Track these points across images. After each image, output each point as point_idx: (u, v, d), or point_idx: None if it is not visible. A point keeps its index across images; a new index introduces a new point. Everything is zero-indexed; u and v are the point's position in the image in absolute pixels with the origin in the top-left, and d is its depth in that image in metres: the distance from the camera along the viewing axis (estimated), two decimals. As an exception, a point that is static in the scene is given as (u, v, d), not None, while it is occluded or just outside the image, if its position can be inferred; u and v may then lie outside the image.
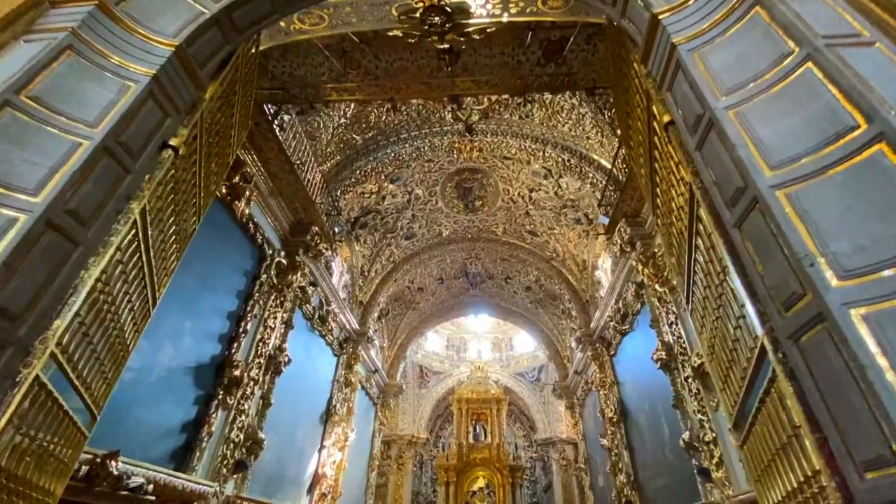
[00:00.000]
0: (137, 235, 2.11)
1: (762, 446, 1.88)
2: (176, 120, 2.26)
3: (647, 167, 2.77)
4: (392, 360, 14.80)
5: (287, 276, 7.23)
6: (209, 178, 3.13)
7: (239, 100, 3.26)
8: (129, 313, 2.37)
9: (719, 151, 1.76)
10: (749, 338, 1.77)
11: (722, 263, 1.83)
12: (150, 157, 2.10)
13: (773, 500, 1.85)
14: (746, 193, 1.64)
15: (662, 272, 6.61)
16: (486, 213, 11.76)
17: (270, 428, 6.94)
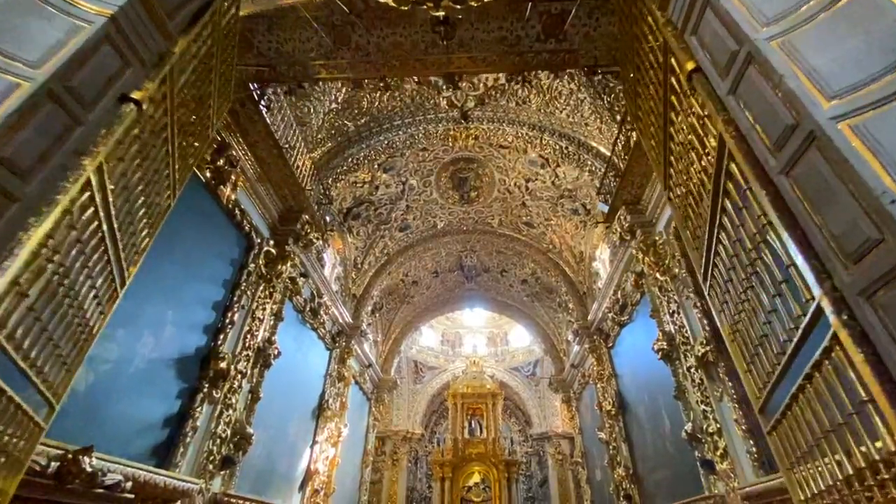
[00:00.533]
0: (94, 199, 1.87)
1: (802, 430, 1.68)
2: (139, 72, 2.01)
3: (659, 136, 2.56)
4: (386, 354, 14.58)
5: (276, 265, 6.97)
6: (185, 150, 2.87)
7: (217, 65, 3.00)
8: (91, 290, 2.12)
9: (761, 89, 1.55)
10: (795, 304, 1.56)
11: (762, 220, 1.62)
12: (107, 109, 1.85)
13: (814, 490, 1.66)
14: (799, 131, 1.42)
15: (664, 261, 6.44)
16: (481, 205, 11.54)
17: (260, 423, 6.70)
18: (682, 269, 5.89)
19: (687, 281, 5.74)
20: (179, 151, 2.77)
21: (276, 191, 6.84)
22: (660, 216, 6.58)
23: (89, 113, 1.78)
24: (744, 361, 2.19)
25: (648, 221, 6.81)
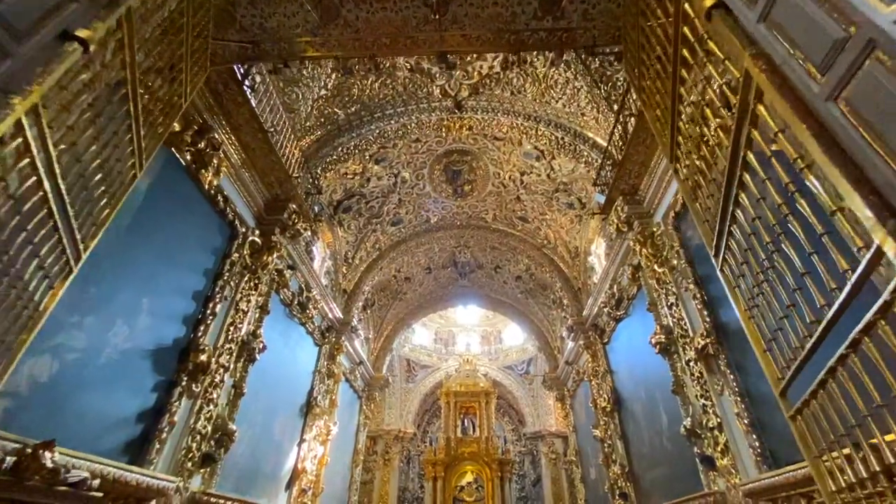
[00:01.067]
0: (30, 149, 1.63)
1: (840, 410, 1.48)
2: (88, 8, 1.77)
3: (665, 102, 2.36)
4: (378, 352, 14.33)
5: (262, 256, 6.72)
6: (153, 117, 2.63)
7: (189, 27, 2.76)
8: (34, 259, 1.88)
9: (801, 5, 1.35)
10: (840, 258, 1.36)
11: (799, 164, 1.41)
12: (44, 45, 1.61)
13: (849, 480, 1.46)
14: (852, 43, 1.23)
15: (662, 252, 6.27)
16: (475, 199, 11.34)
17: (243, 419, 6.44)
18: (681, 259, 5.72)
19: (686, 271, 5.57)
20: (145, 116, 2.52)
21: (262, 178, 6.58)
22: (658, 206, 6.42)
23: (21, 45, 1.54)
24: (762, 341, 1.99)
25: (646, 212, 6.64)
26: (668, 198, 6.07)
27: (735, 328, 4.73)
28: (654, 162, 6.05)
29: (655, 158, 5.99)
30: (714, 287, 5.17)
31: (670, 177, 5.92)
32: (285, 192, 6.86)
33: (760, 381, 4.32)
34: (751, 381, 4.47)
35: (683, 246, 5.71)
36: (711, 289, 5.22)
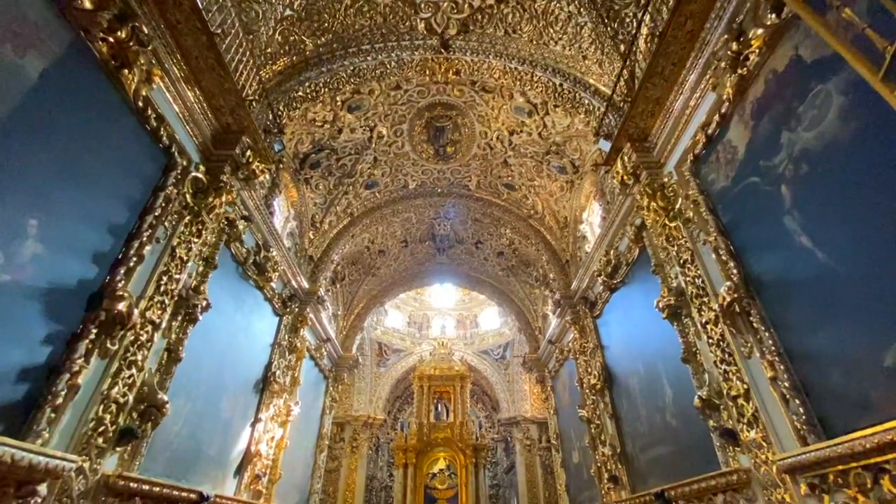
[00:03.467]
0: None
1: None
2: None
3: None
4: (347, 330, 13.29)
5: (208, 198, 5.59)
6: None
7: None
8: None
9: None
10: None
11: None
12: None
13: None
14: None
15: (674, 204, 5.54)
16: (458, 162, 10.43)
17: (181, 391, 5.36)
18: (699, 208, 4.98)
19: (707, 221, 4.84)
20: None
21: (209, 101, 5.44)
22: (671, 154, 5.67)
23: None
24: None
25: (656, 161, 5.89)
26: (686, 140, 5.32)
27: (772, 278, 4.03)
28: (672, 96, 5.28)
29: (674, 92, 5.22)
30: (741, 235, 4.46)
31: (690, 113, 5.17)
32: (238, 122, 5.73)
33: (808, 335, 3.62)
34: (793, 337, 3.76)
35: (703, 192, 4.97)
36: (738, 237, 4.50)
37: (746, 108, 4.32)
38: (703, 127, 4.93)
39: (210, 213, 5.66)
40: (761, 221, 4.13)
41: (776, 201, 3.91)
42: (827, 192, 3.42)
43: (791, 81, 3.80)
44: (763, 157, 4.09)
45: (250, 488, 7.13)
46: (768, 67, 4.05)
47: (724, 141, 4.65)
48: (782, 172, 3.85)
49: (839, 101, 3.36)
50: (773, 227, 3.94)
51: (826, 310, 3.43)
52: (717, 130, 4.72)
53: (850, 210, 3.23)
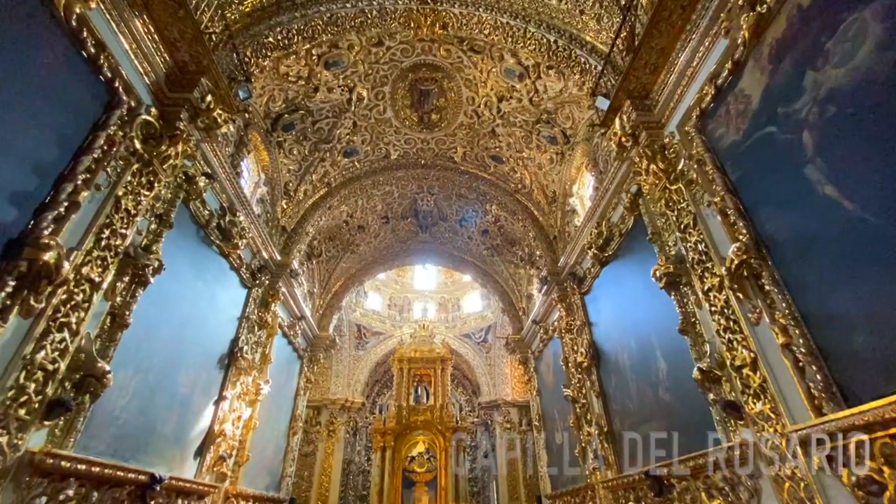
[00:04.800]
0: None
1: None
2: None
3: None
4: (324, 309, 12.71)
5: (161, 146, 4.94)
6: None
7: None
8: None
9: None
10: None
11: None
12: None
13: None
14: None
15: (675, 166, 5.16)
16: (444, 131, 9.88)
17: (129, 362, 4.77)
18: (705, 167, 4.60)
19: (714, 180, 4.46)
20: None
21: (161, 32, 4.75)
22: (673, 113, 5.27)
23: None
24: None
25: (657, 122, 5.49)
26: (690, 96, 4.92)
27: (787, 236, 3.68)
28: (679, 45, 4.85)
29: (682, 40, 4.80)
30: (752, 192, 4.10)
31: (698, 63, 4.76)
32: (196, 60, 5.06)
33: (828, 296, 3.29)
34: (810, 298, 3.43)
35: (710, 150, 4.59)
36: (748, 195, 4.14)
37: (764, 52, 3.93)
38: (713, 78, 4.53)
39: (164, 164, 5.01)
40: (777, 174, 3.76)
41: (796, 150, 3.55)
42: (858, 135, 3.06)
43: (819, 14, 3.41)
44: (782, 103, 3.71)
45: (213, 470, 6.59)
46: (792, 2, 3.64)
47: (736, 91, 4.26)
48: (804, 118, 3.48)
49: (876, 30, 2.98)
50: (792, 180, 3.57)
51: (851, 266, 3.09)
52: (729, 80, 4.33)
53: (885, 154, 2.86)
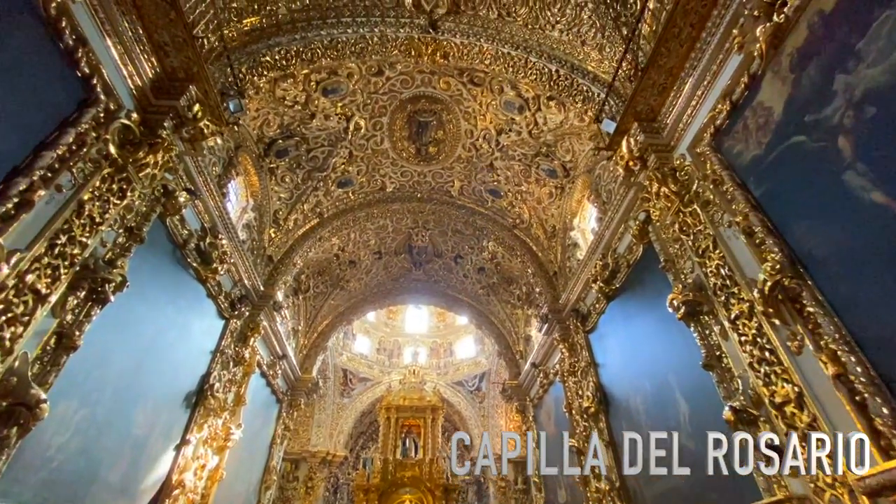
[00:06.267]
0: None
1: None
2: None
3: None
4: (308, 349, 11.92)
5: (138, 152, 4.57)
6: None
7: None
8: None
9: None
10: None
11: None
12: None
13: None
14: None
15: (688, 188, 4.87)
16: (441, 164, 9.72)
17: (72, 391, 4.11)
18: (723, 186, 4.31)
19: (734, 199, 4.14)
20: None
21: (150, 35, 4.52)
22: (684, 134, 5.07)
23: None
24: None
25: (666, 144, 5.28)
26: (703, 115, 4.73)
27: (828, 251, 3.30)
28: (687, 67, 4.72)
29: (691, 59, 4.67)
30: (781, 207, 3.78)
31: (710, 81, 4.60)
32: (186, 67, 4.82)
33: (887, 315, 2.86)
34: (864, 319, 3.00)
35: (729, 168, 4.33)
36: (777, 210, 3.82)
37: (783, 62, 3.75)
38: (727, 95, 4.36)
39: (140, 172, 4.62)
40: (811, 185, 3.45)
41: (831, 157, 3.26)
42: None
43: (845, 17, 3.25)
44: (810, 110, 3.48)
45: (167, 530, 5.65)
46: (812, 10, 3.51)
47: (754, 105, 4.06)
48: (838, 123, 3.22)
49: (915, 24, 2.79)
50: (829, 189, 3.26)
51: (915, 278, 2.70)
52: (745, 94, 4.15)
53: (940, 151, 2.56)
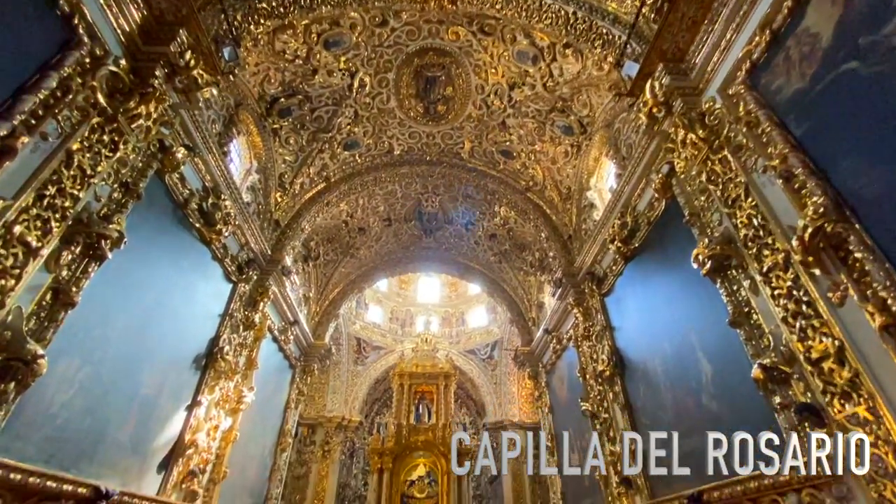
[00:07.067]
0: None
1: None
2: None
3: None
4: (321, 316, 11.93)
5: (130, 102, 4.33)
6: None
7: None
8: None
9: None
10: None
11: None
12: None
13: None
14: None
15: (719, 133, 4.46)
16: (450, 125, 9.31)
17: (73, 349, 4.03)
18: (759, 127, 3.91)
19: (771, 142, 3.75)
20: None
21: (134, -28, 4.20)
22: (715, 74, 4.62)
23: None
24: None
25: (694, 87, 4.83)
26: (737, 49, 4.27)
27: (879, 192, 2.94)
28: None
29: (727, -15, 4.18)
30: (825, 146, 3.39)
31: (746, 11, 4.12)
32: (174, 9, 4.50)
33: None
34: (924, 264, 2.67)
35: (766, 106, 3.91)
36: (819, 150, 3.43)
37: (835, -22, 3.28)
38: (765, 25, 3.90)
39: (132, 124, 4.39)
40: (863, 117, 3.06)
41: (889, 84, 2.85)
42: None
43: (917, -86, 2.77)
44: (865, 31, 3.05)
45: (182, 487, 5.73)
46: (873, -88, 3.02)
47: (798, 32, 3.62)
48: (903, 40, 2.80)
49: None
50: (884, 120, 2.88)
51: None
52: (788, 22, 3.69)
53: None
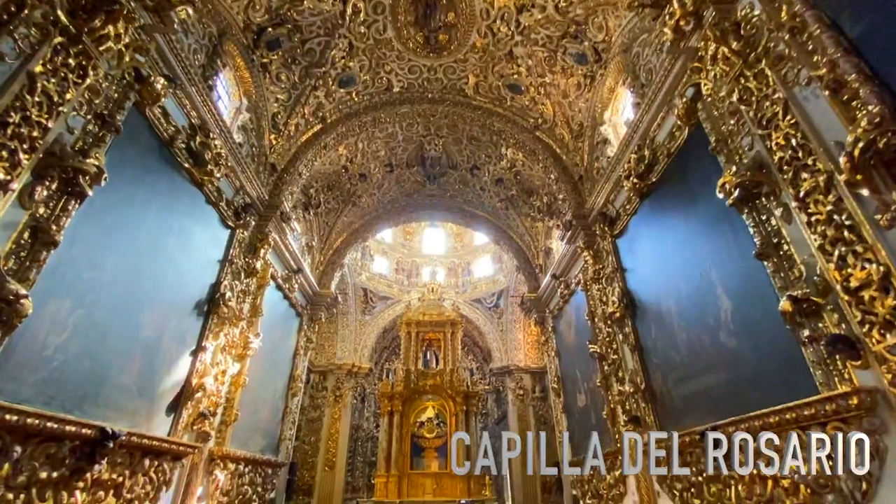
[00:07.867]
0: None
1: None
2: None
3: None
4: (325, 265, 11.80)
5: (94, 20, 3.87)
6: None
7: None
8: None
9: None
10: None
11: None
12: None
13: None
14: None
15: (756, 44, 3.95)
16: (453, 57, 8.61)
17: (62, 291, 3.85)
18: (807, 30, 3.41)
19: (820, 46, 3.27)
20: None
21: None
22: (753, -25, 4.02)
23: None
24: None
25: (729, -8, 4.25)
26: (786, -60, 3.66)
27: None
28: None
29: None
30: (883, 46, 2.92)
31: None
32: None
33: None
34: None
35: (815, 6, 3.39)
36: (876, 53, 2.97)
37: None
38: None
39: (100, 46, 3.95)
40: (943, 3, 2.58)
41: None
42: None
43: None
44: None
45: (193, 429, 5.80)
46: None
47: None
48: None
49: None
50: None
51: None
52: None
53: None
